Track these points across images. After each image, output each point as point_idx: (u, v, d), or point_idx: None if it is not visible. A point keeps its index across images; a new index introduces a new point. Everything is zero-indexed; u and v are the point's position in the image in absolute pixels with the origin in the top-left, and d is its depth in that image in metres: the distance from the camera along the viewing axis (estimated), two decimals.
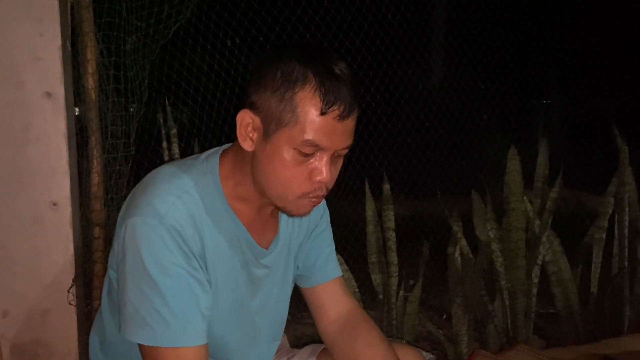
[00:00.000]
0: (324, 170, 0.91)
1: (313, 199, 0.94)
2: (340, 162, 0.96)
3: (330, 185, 0.94)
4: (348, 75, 0.90)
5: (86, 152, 1.52)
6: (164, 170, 0.98)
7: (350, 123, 0.90)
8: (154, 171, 1.00)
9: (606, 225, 2.18)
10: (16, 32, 1.36)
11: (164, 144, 1.86)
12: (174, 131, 1.87)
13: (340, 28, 2.24)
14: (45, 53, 1.37)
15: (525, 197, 2.07)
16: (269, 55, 0.93)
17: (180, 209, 0.90)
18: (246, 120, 0.92)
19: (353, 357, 1.10)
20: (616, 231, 2.20)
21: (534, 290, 2.11)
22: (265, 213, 1.03)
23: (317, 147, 0.89)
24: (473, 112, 2.88)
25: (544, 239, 2.08)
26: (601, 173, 2.29)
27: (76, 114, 1.54)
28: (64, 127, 1.40)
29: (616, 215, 2.19)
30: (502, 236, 2.06)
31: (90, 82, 1.48)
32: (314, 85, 0.87)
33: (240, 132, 0.93)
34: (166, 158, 1.86)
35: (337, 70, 0.89)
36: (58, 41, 1.38)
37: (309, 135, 0.87)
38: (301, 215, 0.98)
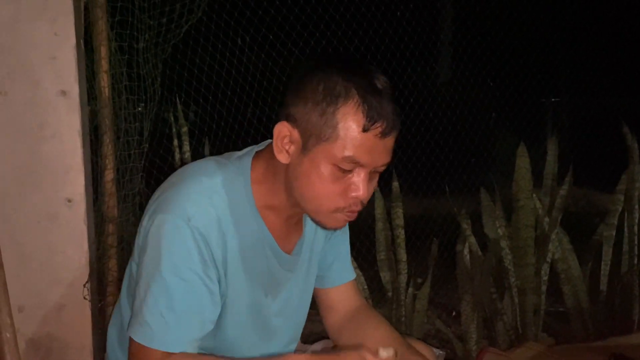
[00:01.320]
0: (361, 187, 0.89)
1: (348, 214, 0.93)
2: (377, 178, 0.95)
3: (366, 201, 0.93)
4: (390, 91, 0.88)
5: (100, 149, 1.54)
6: (197, 168, 0.97)
7: (390, 140, 0.89)
8: (185, 167, 1.00)
9: (616, 222, 2.17)
10: (32, 31, 1.38)
11: (175, 142, 1.88)
12: (185, 129, 1.89)
13: (350, 25, 2.25)
14: (60, 52, 1.39)
15: (534, 195, 2.07)
16: (308, 67, 0.91)
17: (209, 211, 0.90)
18: (283, 133, 0.90)
19: (360, 341, 1.07)
20: (626, 229, 2.19)
21: (543, 288, 2.10)
22: (293, 220, 1.03)
23: (356, 164, 0.88)
24: (482, 110, 2.88)
25: (553, 236, 2.07)
26: (611, 171, 2.28)
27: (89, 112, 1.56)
28: (78, 125, 1.42)
29: (626, 213, 2.18)
30: (511, 234, 2.06)
31: (104, 80, 1.50)
32: (357, 101, 0.85)
33: (276, 144, 0.91)
34: (177, 156, 1.88)
35: (379, 86, 0.87)
36: (72, 40, 1.40)
37: (349, 152, 0.86)
38: (335, 229, 0.97)
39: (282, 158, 0.91)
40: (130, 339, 0.92)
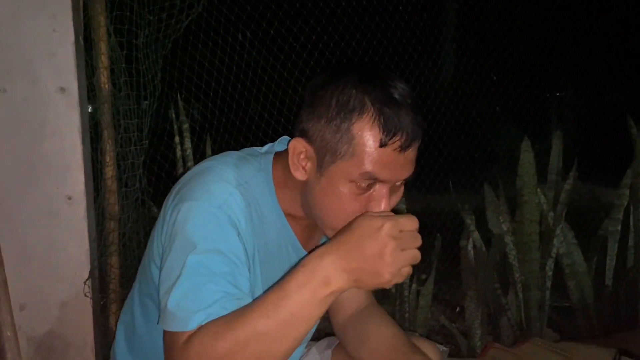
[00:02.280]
0: (382, 204, 0.84)
1: None
2: (402, 189, 0.89)
3: None
4: (409, 99, 0.83)
5: (100, 146, 1.53)
6: (221, 160, 0.94)
7: (412, 153, 0.83)
8: (207, 160, 0.96)
9: (621, 217, 2.16)
10: (31, 28, 1.37)
11: (176, 139, 1.87)
12: (186, 126, 1.88)
13: (352, 20, 2.24)
14: (59, 48, 1.39)
15: (539, 190, 2.06)
16: (323, 80, 0.86)
17: (237, 199, 0.87)
18: (299, 149, 0.87)
19: (364, 340, 1.08)
20: (631, 224, 2.17)
21: (548, 284, 2.09)
22: (310, 227, 1.00)
23: (376, 180, 0.83)
24: (485, 105, 2.85)
25: (558, 231, 2.06)
26: (616, 165, 2.26)
27: (89, 108, 1.55)
28: (78, 122, 1.41)
29: (631, 208, 2.16)
30: (516, 229, 2.05)
31: (104, 77, 1.49)
32: (372, 115, 0.81)
33: (292, 160, 0.87)
34: (178, 153, 1.87)
35: (396, 95, 0.82)
36: (71, 36, 1.39)
37: (367, 168, 0.81)
38: None
39: (299, 175, 0.88)
40: (167, 333, 0.80)
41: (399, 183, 0.87)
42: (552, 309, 2.21)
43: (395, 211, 0.86)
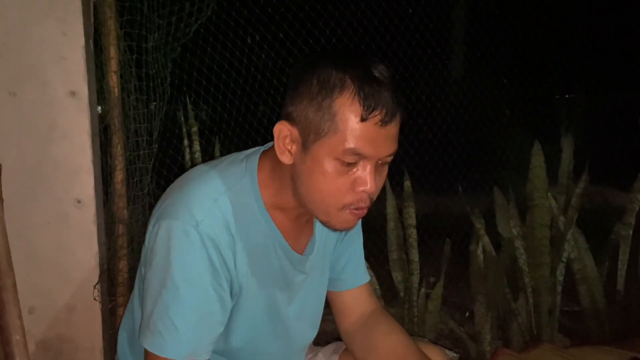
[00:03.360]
0: (368, 180, 0.86)
1: (356, 211, 0.89)
2: (386, 170, 0.92)
3: (375, 196, 0.90)
4: (388, 78, 0.85)
5: (109, 150, 1.53)
6: (202, 170, 0.96)
7: (393, 128, 0.85)
8: (191, 170, 0.99)
9: (633, 222, 2.13)
10: (41, 31, 1.37)
11: (185, 142, 1.87)
12: (194, 129, 1.88)
13: (361, 23, 2.23)
14: (69, 52, 1.39)
15: (549, 194, 2.04)
16: (304, 64, 0.89)
17: (216, 214, 0.89)
18: (284, 133, 0.88)
19: (373, 347, 1.08)
20: None
21: (559, 288, 2.07)
22: (302, 220, 1.01)
23: (359, 156, 0.85)
24: (495, 107, 2.84)
25: (569, 235, 2.04)
26: (627, 168, 2.24)
27: (99, 112, 1.55)
28: (87, 126, 1.41)
29: None
30: (526, 233, 2.03)
31: (113, 81, 1.49)
32: (352, 91, 0.83)
33: (278, 144, 0.89)
34: (187, 156, 1.87)
35: (376, 74, 0.84)
36: (81, 40, 1.39)
37: (350, 144, 0.83)
38: (345, 229, 0.93)
39: (285, 159, 0.89)
40: (145, 350, 0.90)
41: (382, 162, 0.88)
42: (563, 314, 2.18)
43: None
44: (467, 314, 2.41)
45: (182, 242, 0.87)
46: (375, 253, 2.31)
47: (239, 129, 1.96)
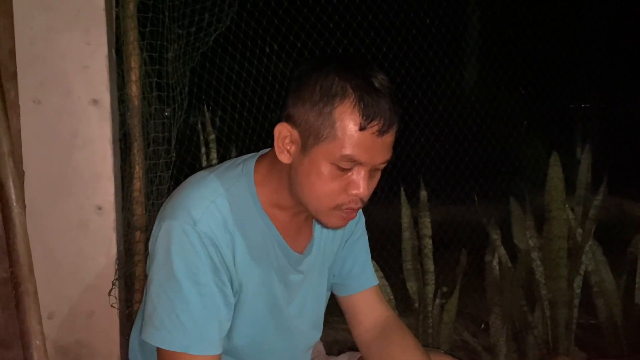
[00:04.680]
0: (361, 185, 0.90)
1: (346, 211, 0.93)
2: (378, 175, 0.96)
3: (367, 199, 0.93)
4: (388, 89, 0.88)
5: (129, 158, 1.55)
6: (201, 174, 1.00)
7: (389, 137, 0.89)
8: (191, 176, 1.02)
9: None
10: (65, 41, 1.40)
11: (203, 150, 1.88)
12: (212, 137, 1.90)
13: (378, 32, 2.24)
14: (92, 61, 1.41)
15: (567, 205, 2.02)
16: (308, 67, 0.92)
17: (214, 214, 0.92)
18: (284, 133, 0.92)
19: None
20: None
21: (576, 301, 2.05)
22: (300, 219, 1.03)
23: (355, 162, 0.88)
24: (511, 117, 2.82)
25: (586, 248, 2.02)
26: None
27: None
28: (109, 134, 1.43)
29: None
30: (543, 245, 2.01)
31: (134, 90, 1.51)
32: (353, 100, 0.86)
33: (277, 144, 0.93)
34: (204, 163, 1.89)
35: (376, 84, 0.87)
36: (104, 50, 1.41)
37: (347, 151, 0.87)
38: (335, 228, 0.97)
39: (284, 158, 0.93)
40: (158, 350, 0.92)
41: (376, 168, 0.92)
42: (580, 327, 2.16)
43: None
44: (482, 326, 2.39)
45: (181, 240, 0.90)
46: (390, 262, 2.30)
47: (256, 137, 1.97)
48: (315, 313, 1.13)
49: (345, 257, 1.16)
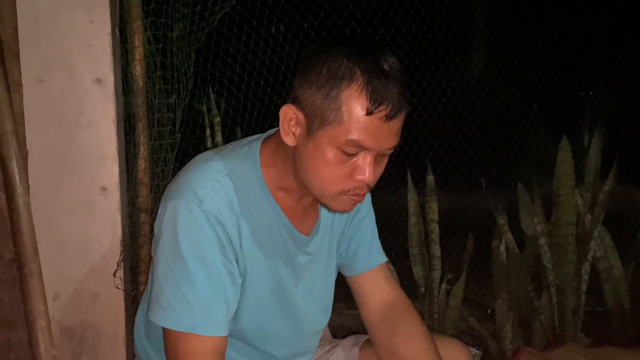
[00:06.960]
0: (367, 170, 0.88)
1: (353, 197, 0.92)
2: (385, 160, 0.93)
3: (373, 184, 0.92)
4: (397, 72, 0.85)
5: (133, 138, 1.54)
6: (206, 155, 0.98)
7: (397, 123, 0.87)
8: (196, 156, 1.01)
9: None
10: (68, 19, 1.37)
11: (208, 132, 1.87)
12: (217, 119, 1.88)
13: (386, 15, 2.20)
14: (96, 40, 1.39)
15: (576, 191, 2.00)
16: (316, 48, 0.89)
17: (219, 193, 0.91)
18: (289, 115, 0.90)
19: (392, 351, 1.09)
20: None
21: (584, 288, 2.04)
22: (306, 202, 1.02)
23: (361, 147, 0.86)
24: (521, 102, 2.78)
25: (595, 234, 2.00)
26: None
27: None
28: (113, 114, 1.41)
29: None
30: (551, 231, 2.00)
31: (138, 69, 1.49)
32: (360, 84, 0.83)
33: (282, 126, 0.91)
34: (209, 146, 1.87)
35: (386, 67, 0.84)
36: (108, 28, 1.39)
37: (353, 136, 0.84)
38: (342, 212, 0.96)
39: (289, 140, 0.91)
40: (164, 330, 0.91)
41: (382, 153, 0.89)
42: (587, 314, 2.15)
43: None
44: (488, 312, 2.39)
45: (187, 219, 0.89)
46: (397, 247, 2.29)
47: (261, 119, 1.95)
48: (324, 295, 1.13)
49: (352, 237, 1.15)
